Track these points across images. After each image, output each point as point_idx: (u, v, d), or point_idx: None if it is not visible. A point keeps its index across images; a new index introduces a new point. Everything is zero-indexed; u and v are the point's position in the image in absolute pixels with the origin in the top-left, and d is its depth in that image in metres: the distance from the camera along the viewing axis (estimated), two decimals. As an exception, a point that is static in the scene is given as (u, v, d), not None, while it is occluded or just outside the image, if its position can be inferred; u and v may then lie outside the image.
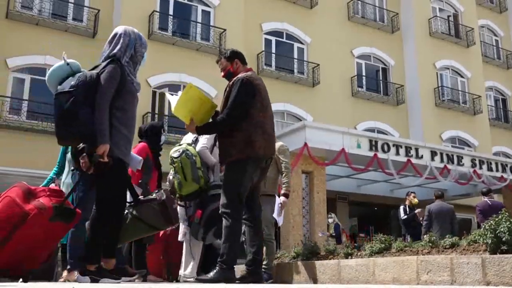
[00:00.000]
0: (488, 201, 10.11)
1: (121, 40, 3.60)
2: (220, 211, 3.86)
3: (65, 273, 4.13)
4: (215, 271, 3.69)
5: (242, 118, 3.79)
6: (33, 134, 13.33)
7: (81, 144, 3.42)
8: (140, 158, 3.93)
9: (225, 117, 3.81)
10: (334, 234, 13.44)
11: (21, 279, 3.33)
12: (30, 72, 14.65)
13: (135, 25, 15.33)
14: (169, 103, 4.24)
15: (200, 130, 3.96)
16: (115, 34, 3.67)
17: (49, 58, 14.71)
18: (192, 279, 4.66)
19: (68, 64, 3.60)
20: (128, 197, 3.79)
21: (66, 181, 4.48)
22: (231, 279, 3.61)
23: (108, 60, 3.52)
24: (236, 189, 3.78)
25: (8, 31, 14.41)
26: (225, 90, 3.97)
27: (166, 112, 15.53)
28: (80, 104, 3.31)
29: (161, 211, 3.63)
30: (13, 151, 12.92)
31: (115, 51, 3.56)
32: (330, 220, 13.87)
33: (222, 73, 4.11)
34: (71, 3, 15.56)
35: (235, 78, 3.89)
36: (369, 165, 14.18)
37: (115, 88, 3.42)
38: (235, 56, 4.07)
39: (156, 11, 16.20)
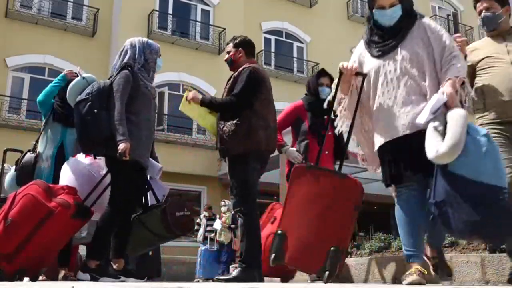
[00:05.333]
0: None
1: (129, 52, 3.74)
2: (234, 211, 3.81)
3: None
4: (235, 271, 3.59)
5: (245, 107, 3.67)
6: (33, 134, 13.34)
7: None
8: (161, 166, 3.92)
9: (230, 101, 3.69)
10: (233, 226, 10.78)
11: (28, 279, 3.35)
12: (29, 71, 14.66)
13: (135, 24, 15.47)
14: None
15: (204, 103, 3.79)
16: (123, 48, 3.80)
17: (49, 57, 14.74)
18: None
19: (84, 78, 3.79)
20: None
21: (47, 153, 4.23)
22: (252, 278, 3.48)
23: (120, 69, 3.66)
24: (243, 185, 3.66)
25: (7, 30, 14.41)
26: (228, 81, 3.87)
27: (166, 112, 15.53)
28: (96, 108, 3.47)
29: (162, 218, 3.64)
30: (13, 150, 12.93)
31: (125, 60, 3.70)
32: (224, 209, 11.07)
33: (226, 56, 4.04)
34: (70, 2, 15.55)
35: (242, 68, 3.79)
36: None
37: (128, 91, 3.55)
38: (242, 45, 3.97)
39: (156, 10, 16.19)
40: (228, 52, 3.99)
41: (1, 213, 3.37)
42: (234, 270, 3.69)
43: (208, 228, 11.09)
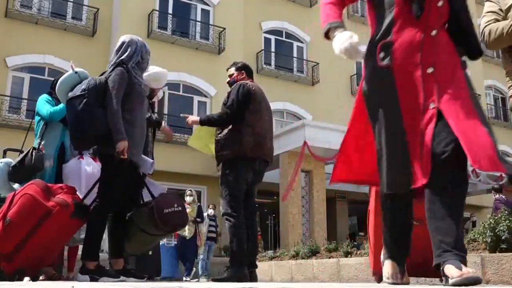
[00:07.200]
0: (504, 197, 10.11)
1: (129, 48, 3.73)
2: (221, 214, 4.03)
3: None
4: (228, 271, 3.86)
5: (238, 118, 4.02)
6: (33, 133, 13.33)
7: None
8: (152, 161, 3.92)
9: (224, 113, 4.06)
10: (199, 220, 9.98)
11: (28, 278, 3.35)
12: (29, 71, 14.66)
13: (135, 24, 15.48)
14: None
15: (203, 122, 4.19)
16: (122, 43, 3.78)
17: (48, 57, 14.73)
18: None
19: (76, 72, 3.75)
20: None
21: (49, 153, 4.21)
22: (244, 276, 3.77)
23: (115, 65, 3.65)
24: (230, 189, 3.95)
25: (7, 30, 14.40)
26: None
27: (166, 112, 15.53)
28: (92, 105, 3.44)
29: (150, 216, 3.61)
30: (13, 150, 12.92)
31: (122, 57, 3.68)
32: (189, 199, 9.98)
33: (228, 79, 4.38)
34: (70, 2, 15.54)
35: (235, 84, 4.20)
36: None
37: (124, 88, 3.53)
38: (244, 69, 4.36)
39: (156, 10, 16.19)
40: (230, 75, 4.36)
41: (0, 213, 3.37)
42: (227, 270, 3.94)
43: (211, 228, 10.97)
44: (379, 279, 2.95)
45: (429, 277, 3.04)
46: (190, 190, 10.41)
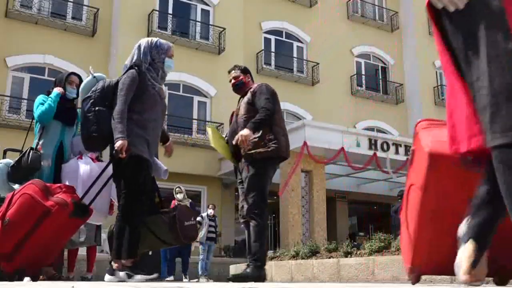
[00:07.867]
0: None
1: (136, 52, 3.78)
2: (246, 213, 3.93)
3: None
4: (248, 268, 3.83)
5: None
6: (33, 133, 13.30)
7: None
8: (166, 168, 3.92)
9: (267, 109, 3.99)
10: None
11: (28, 278, 3.35)
12: (29, 71, 14.66)
13: (135, 24, 15.48)
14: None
15: (257, 127, 3.97)
16: (134, 47, 3.85)
17: (48, 57, 14.73)
18: None
19: (95, 77, 3.88)
20: None
21: (47, 152, 4.23)
22: (262, 276, 3.79)
23: (128, 68, 3.72)
24: (259, 189, 3.92)
25: (7, 30, 14.40)
26: (240, 100, 4.21)
27: (166, 111, 15.51)
28: (98, 105, 3.53)
29: (170, 226, 3.64)
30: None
31: (133, 60, 3.74)
32: (180, 196, 9.70)
33: (233, 81, 4.30)
34: (70, 2, 15.54)
35: (258, 84, 4.19)
36: (368, 164, 14.20)
37: (133, 91, 3.56)
38: (249, 72, 4.39)
39: (156, 10, 16.19)
40: (236, 77, 4.29)
41: (-1, 213, 3.37)
42: (247, 267, 3.86)
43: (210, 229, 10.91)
44: (417, 278, 2.35)
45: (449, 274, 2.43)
46: (179, 187, 10.15)
